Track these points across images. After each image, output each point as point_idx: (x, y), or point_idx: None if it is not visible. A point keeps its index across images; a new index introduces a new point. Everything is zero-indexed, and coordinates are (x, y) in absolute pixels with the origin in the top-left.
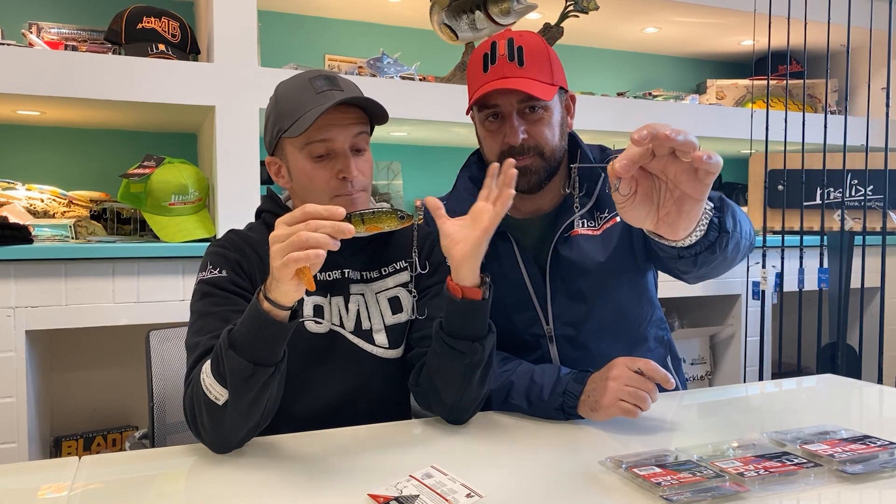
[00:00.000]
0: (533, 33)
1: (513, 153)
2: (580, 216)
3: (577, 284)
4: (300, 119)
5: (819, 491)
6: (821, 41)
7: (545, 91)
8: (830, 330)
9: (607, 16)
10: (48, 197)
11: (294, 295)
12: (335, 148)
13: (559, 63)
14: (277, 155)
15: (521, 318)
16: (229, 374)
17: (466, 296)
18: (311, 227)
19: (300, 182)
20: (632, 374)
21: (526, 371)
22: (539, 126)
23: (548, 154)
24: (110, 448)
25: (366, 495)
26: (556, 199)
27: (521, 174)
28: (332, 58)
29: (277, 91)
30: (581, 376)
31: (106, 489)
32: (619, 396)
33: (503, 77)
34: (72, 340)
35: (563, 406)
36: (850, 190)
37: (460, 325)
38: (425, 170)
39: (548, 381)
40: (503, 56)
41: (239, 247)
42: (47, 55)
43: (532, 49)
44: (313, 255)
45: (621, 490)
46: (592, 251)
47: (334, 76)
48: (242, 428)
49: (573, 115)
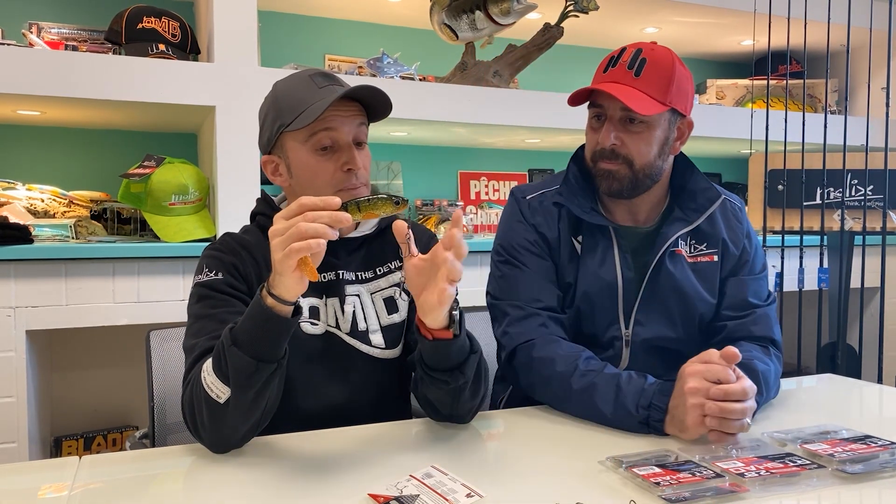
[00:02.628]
0: (668, 51)
1: (603, 155)
2: (680, 235)
3: (670, 301)
4: (305, 112)
5: (819, 492)
6: (821, 41)
7: (647, 106)
8: (830, 330)
9: (607, 16)
10: (48, 197)
11: (297, 288)
12: (339, 139)
13: (685, 87)
14: (275, 153)
15: (603, 317)
16: (232, 371)
17: (437, 337)
18: (309, 218)
19: (302, 177)
20: (710, 390)
21: (612, 375)
22: (634, 138)
23: (637, 167)
24: (110, 448)
25: (366, 495)
26: (652, 213)
27: (603, 177)
28: (332, 58)
29: (276, 89)
30: (667, 387)
31: (106, 489)
32: (701, 414)
33: (615, 82)
34: (72, 340)
35: (648, 420)
36: (850, 190)
37: (436, 360)
38: (425, 170)
39: (634, 389)
40: (624, 62)
41: (234, 249)
42: (47, 55)
43: (655, 64)
44: (314, 244)
45: (621, 490)
46: (692, 276)
47: (332, 73)
48: (243, 426)
49: (685, 140)
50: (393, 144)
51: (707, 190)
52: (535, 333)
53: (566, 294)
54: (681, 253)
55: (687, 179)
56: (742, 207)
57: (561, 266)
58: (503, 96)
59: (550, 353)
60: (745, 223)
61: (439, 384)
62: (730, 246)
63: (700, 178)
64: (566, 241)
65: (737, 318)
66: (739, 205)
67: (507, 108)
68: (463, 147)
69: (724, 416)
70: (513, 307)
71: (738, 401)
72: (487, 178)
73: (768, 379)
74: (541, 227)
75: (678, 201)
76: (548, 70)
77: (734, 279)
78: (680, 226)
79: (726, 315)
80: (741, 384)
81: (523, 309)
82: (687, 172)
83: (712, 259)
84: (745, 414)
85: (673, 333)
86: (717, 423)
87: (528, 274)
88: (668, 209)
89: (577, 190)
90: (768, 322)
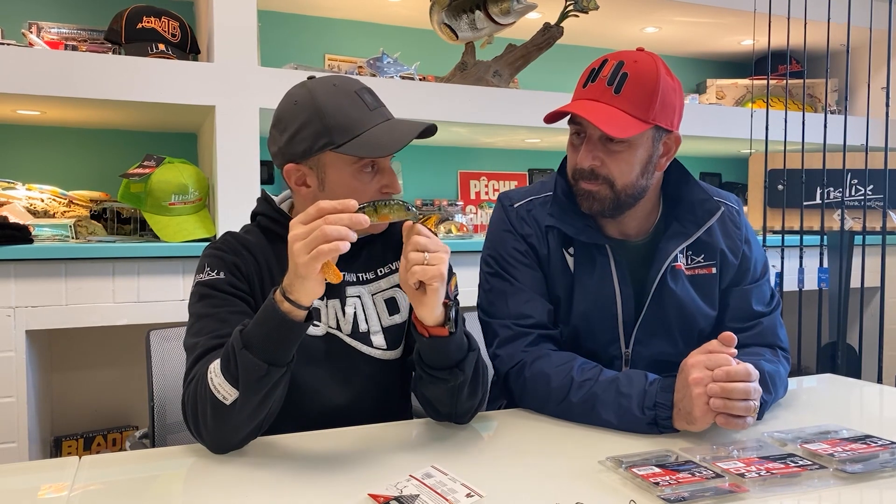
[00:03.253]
0: (653, 62)
1: (583, 175)
2: (679, 247)
3: (671, 319)
4: (362, 138)
5: (820, 492)
6: (821, 41)
7: (626, 127)
8: (830, 330)
9: (607, 16)
10: (48, 197)
11: (318, 291)
12: (383, 164)
13: (671, 100)
14: (308, 164)
15: (603, 335)
16: (242, 374)
17: (433, 334)
18: (330, 221)
19: (338, 194)
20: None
21: (610, 381)
22: (615, 158)
23: (619, 187)
24: (110, 448)
25: (366, 495)
26: (643, 226)
27: (584, 198)
28: (332, 58)
29: (317, 100)
30: (668, 383)
31: (106, 489)
32: (706, 402)
33: (594, 100)
34: (72, 340)
35: (656, 420)
36: (850, 189)
37: (433, 358)
38: (425, 170)
39: (636, 391)
40: (604, 78)
41: (235, 249)
42: (47, 55)
43: (638, 80)
44: (342, 245)
45: (621, 490)
46: (692, 290)
47: (373, 91)
48: (246, 428)
49: (671, 155)
50: None
51: (705, 201)
52: (524, 355)
53: (557, 309)
54: (679, 267)
55: (682, 190)
56: (740, 210)
57: (551, 277)
58: (503, 96)
59: (542, 368)
60: (743, 227)
61: (438, 382)
62: (728, 256)
63: (696, 188)
64: (556, 252)
65: (744, 329)
66: (737, 208)
67: (507, 108)
68: (463, 147)
69: (727, 397)
70: (502, 327)
71: (741, 381)
72: (487, 178)
73: (775, 378)
74: (530, 237)
75: (675, 213)
76: (548, 70)
77: (737, 289)
78: (679, 241)
79: (732, 328)
80: (742, 365)
81: (512, 329)
82: (682, 182)
83: (710, 272)
84: (748, 394)
85: (674, 350)
86: (722, 404)
87: (517, 288)
88: (662, 221)
89: (568, 207)
90: (775, 329)
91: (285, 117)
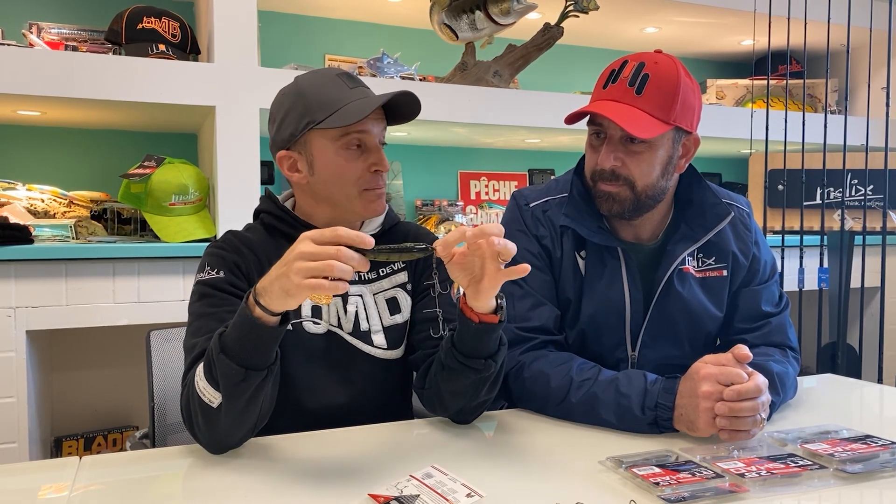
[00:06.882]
0: (673, 63)
1: (603, 176)
2: (687, 250)
3: (678, 322)
4: (341, 111)
5: (820, 492)
6: (821, 41)
7: (649, 128)
8: (830, 330)
9: (607, 16)
10: (48, 197)
11: (293, 306)
12: (369, 140)
13: (691, 102)
14: (296, 148)
15: (609, 338)
16: (221, 378)
17: (483, 321)
18: (342, 258)
19: (326, 175)
20: (724, 391)
21: (609, 381)
22: (636, 159)
23: (639, 188)
24: (111, 448)
25: (366, 495)
26: (656, 230)
27: (604, 199)
28: (332, 58)
29: (300, 86)
30: (670, 385)
31: (107, 489)
32: (713, 417)
33: (615, 100)
34: (72, 340)
35: (656, 420)
36: (850, 190)
37: (473, 346)
38: (425, 170)
39: (636, 391)
40: (625, 79)
41: (237, 248)
42: (47, 55)
43: (659, 80)
44: (342, 286)
45: (621, 490)
46: (700, 293)
47: (355, 75)
48: (238, 430)
49: (690, 156)
50: (393, 144)
51: (716, 206)
52: (523, 357)
53: (566, 311)
54: (688, 270)
55: (694, 192)
56: (750, 212)
57: (562, 281)
58: (503, 96)
59: (541, 369)
60: (753, 229)
61: (468, 372)
62: (739, 258)
63: (708, 191)
64: (569, 256)
65: (753, 329)
66: (748, 210)
67: (507, 108)
68: (463, 147)
69: (734, 416)
70: (505, 330)
71: (750, 399)
72: (487, 178)
73: (784, 380)
74: (544, 239)
75: (684, 216)
76: (548, 70)
77: (746, 290)
78: (686, 244)
79: (742, 328)
80: (753, 381)
81: (514, 333)
82: (694, 184)
83: (721, 274)
84: (755, 410)
85: (679, 353)
86: (728, 422)
87: (525, 291)
88: (672, 224)
89: (584, 208)
90: (784, 329)
91: (274, 109)
